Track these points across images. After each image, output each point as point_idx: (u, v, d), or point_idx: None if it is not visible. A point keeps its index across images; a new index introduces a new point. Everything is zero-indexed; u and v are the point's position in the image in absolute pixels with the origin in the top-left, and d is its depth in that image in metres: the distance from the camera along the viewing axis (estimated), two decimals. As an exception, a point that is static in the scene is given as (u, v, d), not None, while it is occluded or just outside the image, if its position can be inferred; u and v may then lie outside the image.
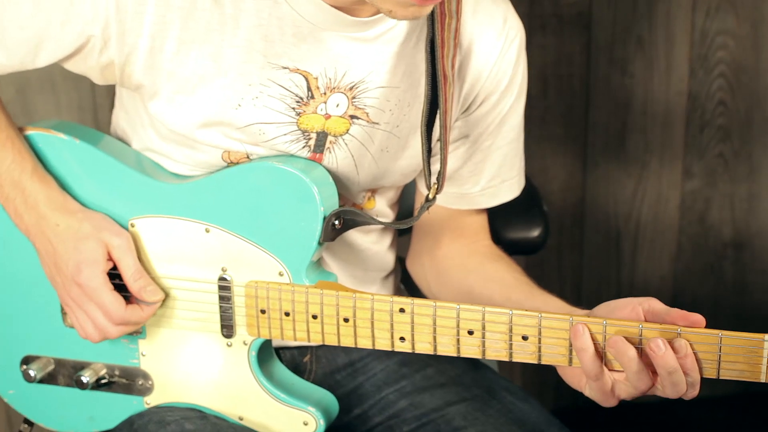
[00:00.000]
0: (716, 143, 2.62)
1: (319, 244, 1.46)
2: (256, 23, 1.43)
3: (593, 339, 1.32)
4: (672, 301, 2.70)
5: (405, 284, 1.84)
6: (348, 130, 1.50)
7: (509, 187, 1.66)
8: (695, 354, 1.29)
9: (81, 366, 1.61)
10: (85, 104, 2.49)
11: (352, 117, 1.49)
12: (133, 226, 1.52)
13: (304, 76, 1.45)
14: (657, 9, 2.49)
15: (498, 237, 1.76)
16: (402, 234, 1.82)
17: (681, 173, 2.63)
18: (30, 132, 1.55)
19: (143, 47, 1.43)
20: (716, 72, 2.55)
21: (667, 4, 2.48)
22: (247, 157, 1.50)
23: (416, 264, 1.74)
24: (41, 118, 2.45)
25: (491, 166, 1.62)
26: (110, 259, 1.50)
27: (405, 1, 1.29)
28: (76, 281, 1.49)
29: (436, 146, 1.54)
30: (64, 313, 1.59)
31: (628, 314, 1.34)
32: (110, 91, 1.65)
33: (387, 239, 1.71)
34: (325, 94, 1.47)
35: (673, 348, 1.28)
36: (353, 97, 1.48)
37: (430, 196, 1.52)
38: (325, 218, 1.45)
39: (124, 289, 1.51)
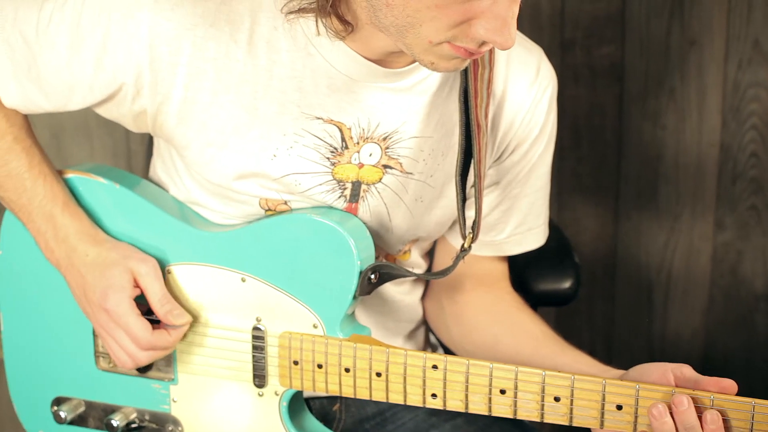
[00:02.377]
0: (748, 195, 2.60)
1: (355, 298, 1.46)
2: (290, 75, 1.43)
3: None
4: (703, 354, 2.69)
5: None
6: (381, 179, 1.50)
7: (535, 236, 1.66)
8: (726, 421, 1.29)
9: (111, 409, 1.61)
10: (119, 150, 2.50)
11: (386, 167, 1.49)
12: (169, 272, 1.53)
13: (338, 126, 1.46)
14: (689, 60, 2.49)
15: (529, 288, 1.76)
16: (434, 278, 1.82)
17: (713, 225, 2.62)
18: (69, 175, 1.57)
19: (176, 97, 1.44)
20: (748, 124, 2.54)
21: (699, 56, 2.48)
22: (285, 203, 1.51)
23: (434, 305, 1.73)
24: (75, 163, 2.46)
25: (518, 213, 1.62)
26: (137, 286, 1.51)
27: (449, 54, 1.30)
28: (103, 307, 1.50)
29: (469, 195, 1.54)
30: (96, 356, 1.60)
31: (659, 378, 1.34)
32: (144, 138, 1.67)
33: (419, 290, 1.71)
34: (358, 143, 1.47)
35: (704, 420, 1.28)
36: (387, 147, 1.48)
37: (466, 245, 1.52)
38: (361, 272, 1.45)
39: (152, 315, 1.52)
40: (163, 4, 1.40)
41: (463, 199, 1.50)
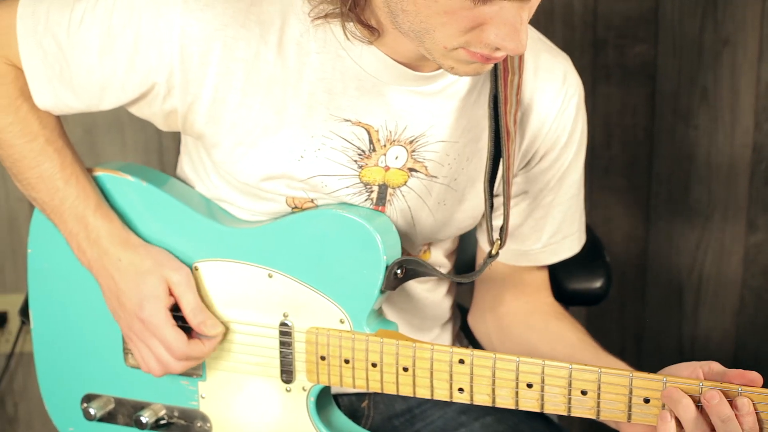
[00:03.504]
0: (781, 196, 2.60)
1: (381, 292, 1.46)
2: (320, 76, 1.44)
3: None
4: (734, 355, 2.68)
5: (465, 332, 1.83)
6: (406, 182, 1.50)
7: (570, 244, 1.66)
8: (757, 414, 1.28)
9: (141, 406, 1.62)
10: (151, 146, 2.52)
11: (411, 170, 1.50)
12: (197, 269, 1.54)
13: (366, 129, 1.46)
14: (722, 60, 2.48)
15: (560, 288, 1.75)
16: (460, 282, 1.82)
17: (745, 226, 2.61)
18: (98, 173, 1.58)
19: (206, 97, 1.44)
20: (782, 124, 2.54)
21: (732, 56, 2.47)
22: (312, 201, 1.51)
23: (479, 320, 1.74)
24: (108, 159, 2.48)
25: (552, 222, 1.62)
26: (171, 294, 1.52)
27: (466, 59, 1.30)
28: (138, 317, 1.50)
29: (497, 202, 1.54)
30: (125, 353, 1.61)
31: (688, 376, 1.33)
32: (176, 134, 1.67)
33: (443, 287, 1.71)
34: (384, 146, 1.47)
35: (735, 406, 1.27)
36: (413, 151, 1.48)
37: (493, 252, 1.52)
38: (387, 267, 1.45)
39: (185, 323, 1.52)
40: (193, 5, 1.41)
41: (491, 205, 1.50)
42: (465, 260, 1.80)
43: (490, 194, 1.49)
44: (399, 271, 1.46)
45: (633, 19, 2.47)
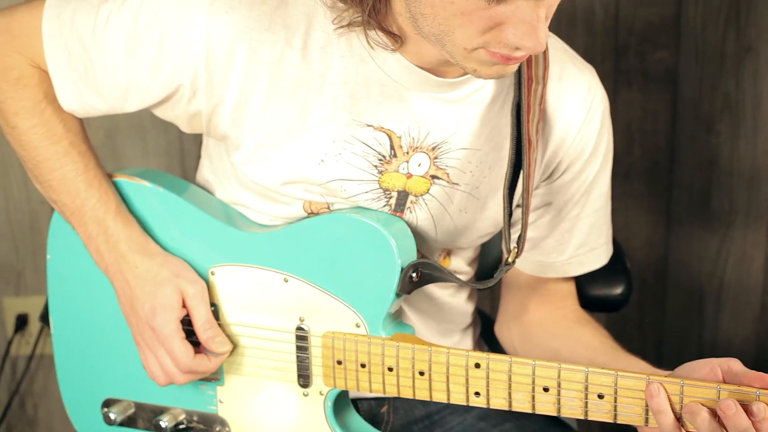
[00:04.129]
0: (803, 203, 2.58)
1: (397, 296, 1.46)
2: (343, 80, 1.44)
3: (670, 400, 1.31)
4: (755, 363, 2.64)
5: (486, 338, 1.83)
6: (428, 190, 1.50)
7: (597, 256, 1.65)
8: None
9: (160, 410, 1.62)
10: (172, 150, 2.52)
11: (433, 177, 1.49)
12: (213, 274, 1.54)
13: (387, 134, 1.46)
14: (744, 67, 2.47)
15: (581, 294, 1.75)
16: (481, 290, 1.81)
17: (766, 233, 2.60)
18: (117, 179, 1.59)
19: (230, 99, 1.45)
20: (804, 131, 2.53)
21: (755, 63, 2.46)
22: (328, 208, 1.52)
23: (504, 330, 1.74)
24: (129, 163, 2.49)
25: (578, 235, 1.62)
26: (185, 306, 1.52)
27: (487, 60, 1.30)
28: (150, 325, 1.51)
29: (516, 210, 1.54)
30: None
31: (707, 374, 1.32)
32: (198, 137, 1.68)
33: (464, 292, 1.71)
34: (407, 153, 1.47)
35: (750, 412, 1.26)
36: (435, 158, 1.48)
37: (510, 260, 1.51)
38: (402, 270, 1.45)
39: (195, 336, 1.53)
40: (219, 7, 1.41)
41: (509, 213, 1.50)
42: (486, 266, 1.80)
43: (509, 202, 1.49)
44: (414, 275, 1.46)
45: (655, 25, 2.46)
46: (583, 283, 1.77)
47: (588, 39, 2.47)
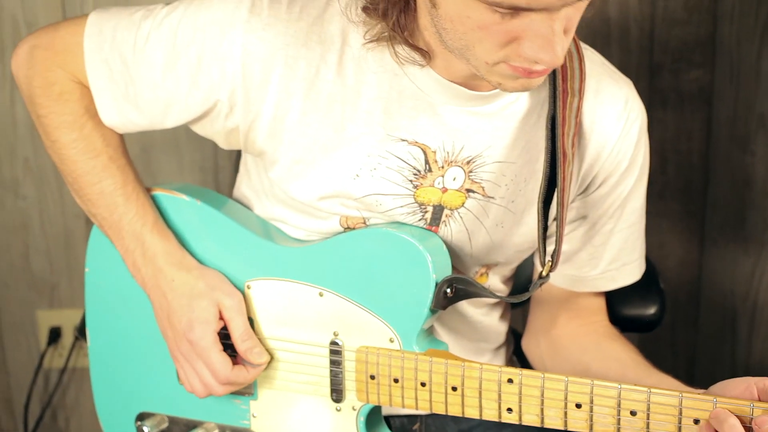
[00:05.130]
0: (838, 224, 2.57)
1: (431, 311, 1.46)
2: (377, 95, 1.45)
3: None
4: (789, 384, 2.64)
5: (518, 357, 1.83)
6: (464, 203, 1.50)
7: (630, 271, 1.65)
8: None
9: (194, 425, 1.63)
10: (207, 165, 2.53)
11: (468, 191, 1.50)
12: (249, 287, 1.55)
13: (422, 149, 1.47)
14: (780, 86, 2.47)
15: (613, 313, 1.74)
16: (515, 306, 1.81)
17: (801, 253, 2.58)
18: (155, 192, 1.60)
19: (267, 115, 1.46)
20: (840, 153, 2.51)
21: (791, 82, 2.46)
22: (364, 222, 1.52)
23: (532, 343, 1.73)
24: (164, 178, 2.50)
25: (611, 249, 1.61)
26: (221, 318, 1.53)
27: (510, 73, 1.30)
28: (187, 338, 1.52)
29: (552, 224, 1.53)
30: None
31: (743, 392, 1.31)
32: (231, 153, 1.69)
33: (497, 312, 1.71)
34: (442, 167, 1.48)
35: None
36: (470, 171, 1.49)
37: (544, 273, 1.51)
38: (436, 285, 1.45)
39: (232, 348, 1.53)
40: (255, 24, 1.43)
41: (544, 226, 1.49)
42: (518, 285, 1.80)
43: (544, 216, 1.49)
44: (449, 290, 1.46)
45: (690, 43, 2.46)
46: (616, 302, 1.77)
47: (623, 57, 2.47)
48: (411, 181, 1.48)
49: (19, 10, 2.44)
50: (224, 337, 1.53)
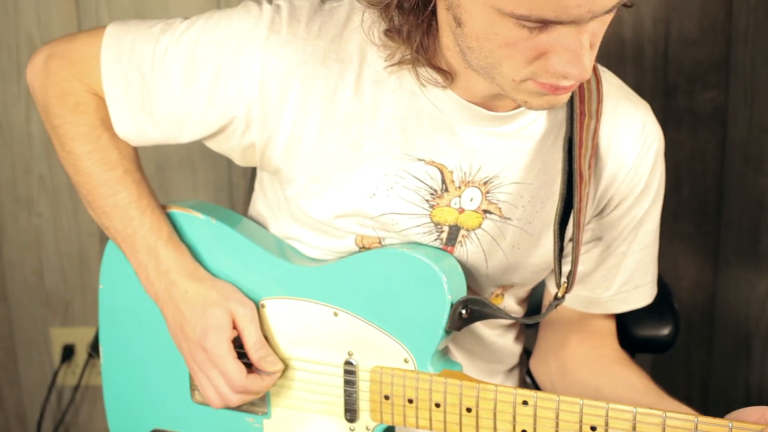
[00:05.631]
0: None
1: (446, 332, 1.46)
2: (394, 114, 1.45)
3: None
4: (803, 407, 2.63)
5: (531, 378, 1.82)
6: (480, 224, 1.50)
7: (642, 294, 1.64)
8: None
9: (206, 442, 1.63)
10: (221, 183, 2.54)
11: (485, 211, 1.50)
12: (263, 306, 1.55)
13: (439, 168, 1.47)
14: (795, 107, 2.46)
15: (627, 334, 1.74)
16: (529, 327, 1.81)
17: (815, 275, 2.58)
18: (170, 210, 1.60)
19: (284, 133, 1.46)
20: None
21: (807, 103, 2.45)
22: (380, 242, 1.52)
23: (541, 364, 1.73)
24: (178, 196, 2.51)
25: (625, 271, 1.61)
26: (235, 327, 1.53)
27: (536, 91, 1.30)
28: (202, 346, 1.52)
29: (567, 245, 1.53)
30: (192, 389, 1.62)
31: (757, 420, 1.31)
32: (246, 171, 1.69)
33: (512, 333, 1.71)
34: (459, 187, 1.48)
35: None
36: (487, 192, 1.49)
37: (559, 295, 1.51)
38: (452, 306, 1.45)
39: (247, 358, 1.53)
40: (274, 41, 1.43)
41: (560, 248, 1.49)
42: (530, 304, 1.79)
43: (560, 237, 1.49)
44: (464, 312, 1.46)
45: (704, 64, 2.46)
46: (630, 323, 1.76)
47: (637, 78, 2.47)
48: (427, 200, 1.48)
49: (35, 27, 2.46)
50: (238, 347, 1.53)
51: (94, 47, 1.53)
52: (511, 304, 1.65)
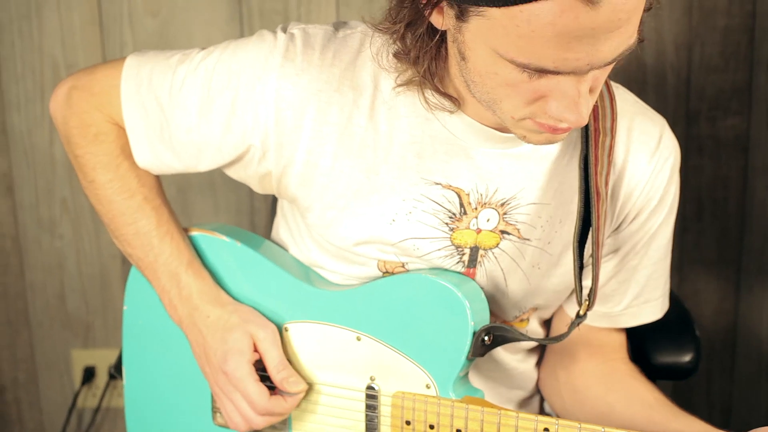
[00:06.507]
0: None
1: (468, 359, 1.46)
2: (410, 140, 1.45)
3: None
4: (825, 435, 2.61)
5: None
6: (498, 244, 1.50)
7: (652, 309, 1.64)
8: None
9: (228, 465, 1.63)
10: (242, 207, 2.55)
11: (503, 232, 1.50)
12: (286, 330, 1.55)
13: (456, 192, 1.47)
14: (818, 134, 2.46)
15: (648, 361, 1.73)
16: (547, 343, 1.80)
17: (838, 303, 2.57)
18: (194, 233, 1.61)
19: (299, 161, 1.47)
20: None
21: (829, 129, 2.45)
22: (403, 266, 1.52)
23: (550, 378, 1.72)
24: (200, 219, 2.52)
25: (635, 285, 1.61)
26: (256, 350, 1.53)
27: (535, 129, 1.31)
28: (223, 370, 1.52)
29: (587, 263, 1.53)
30: (213, 412, 1.62)
31: None
32: (267, 195, 1.69)
33: (533, 358, 1.70)
34: (476, 209, 1.48)
35: None
36: (504, 213, 1.49)
37: (581, 313, 1.51)
38: (474, 333, 1.45)
39: (270, 380, 1.53)
40: (289, 69, 1.44)
41: (580, 266, 1.49)
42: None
43: (580, 255, 1.49)
44: (486, 338, 1.46)
45: (726, 91, 2.46)
46: (651, 350, 1.76)
47: (659, 104, 2.47)
48: (447, 223, 1.48)
49: (60, 52, 2.47)
50: (261, 370, 1.53)
51: (114, 78, 1.54)
52: (535, 326, 1.65)
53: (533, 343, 1.66)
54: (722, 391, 2.67)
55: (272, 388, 1.54)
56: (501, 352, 1.63)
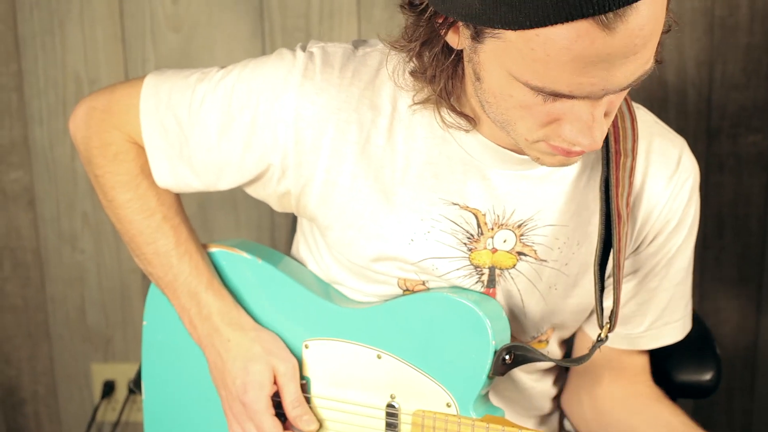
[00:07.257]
0: None
1: (489, 378, 1.46)
2: (427, 160, 1.45)
3: None
4: None
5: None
6: (515, 265, 1.50)
7: (672, 330, 1.63)
8: None
9: (245, 483, 1.62)
10: (263, 223, 2.55)
11: (520, 253, 1.49)
12: (306, 347, 1.55)
13: (473, 213, 1.47)
14: (839, 151, 2.45)
15: (669, 379, 1.72)
16: (568, 365, 1.80)
17: None
18: (214, 249, 1.61)
19: (318, 180, 1.47)
20: None
21: None
22: (423, 284, 1.52)
23: (573, 401, 1.72)
24: (221, 235, 2.52)
25: (656, 308, 1.60)
26: (275, 382, 1.54)
27: (549, 151, 1.31)
28: (241, 400, 1.53)
29: (607, 284, 1.53)
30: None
31: None
32: (289, 212, 1.70)
33: (550, 378, 1.70)
34: (492, 229, 1.48)
35: None
36: (521, 235, 1.49)
37: (602, 336, 1.50)
38: (495, 352, 1.45)
39: (282, 411, 1.54)
40: (308, 88, 1.44)
41: (601, 288, 1.49)
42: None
43: (601, 278, 1.48)
44: (507, 357, 1.46)
45: (748, 108, 2.46)
46: (671, 368, 1.75)
47: (680, 121, 2.47)
48: (465, 243, 1.48)
49: (82, 67, 2.48)
50: (276, 396, 1.54)
51: (133, 98, 1.55)
52: (554, 347, 1.65)
53: (550, 363, 1.66)
54: (743, 410, 2.66)
55: (284, 419, 1.54)
56: (517, 372, 1.62)
